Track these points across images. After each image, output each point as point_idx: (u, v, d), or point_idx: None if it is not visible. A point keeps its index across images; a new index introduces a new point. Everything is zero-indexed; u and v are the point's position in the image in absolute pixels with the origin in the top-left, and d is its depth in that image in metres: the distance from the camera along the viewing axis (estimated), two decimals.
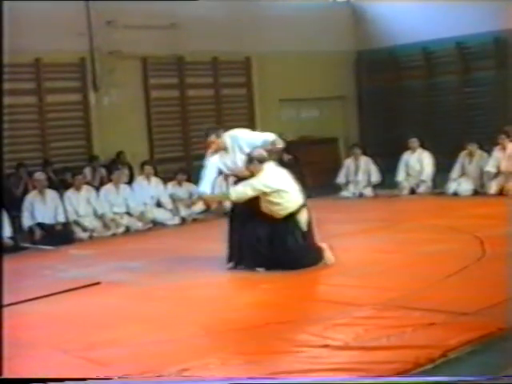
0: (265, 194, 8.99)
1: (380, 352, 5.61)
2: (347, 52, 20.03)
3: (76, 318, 7.38)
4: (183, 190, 15.18)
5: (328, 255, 9.07)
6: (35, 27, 14.82)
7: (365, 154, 16.94)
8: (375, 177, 16.63)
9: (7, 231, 12.62)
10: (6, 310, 7.70)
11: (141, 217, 14.22)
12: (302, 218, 9.10)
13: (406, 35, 18.85)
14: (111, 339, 6.54)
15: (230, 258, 9.34)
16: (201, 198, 9.69)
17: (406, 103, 19.35)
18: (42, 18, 15.11)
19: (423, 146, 16.34)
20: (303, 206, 9.14)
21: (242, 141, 9.47)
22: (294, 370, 5.33)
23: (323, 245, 9.16)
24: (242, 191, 9.12)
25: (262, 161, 9.15)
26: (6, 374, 4.49)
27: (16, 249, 12.49)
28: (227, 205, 15.20)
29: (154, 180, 14.87)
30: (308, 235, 9.16)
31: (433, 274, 8.02)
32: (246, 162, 9.26)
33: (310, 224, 9.20)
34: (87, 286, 8.73)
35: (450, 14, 17.71)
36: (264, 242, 9.03)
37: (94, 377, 5.49)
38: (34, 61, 15.60)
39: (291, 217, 9.04)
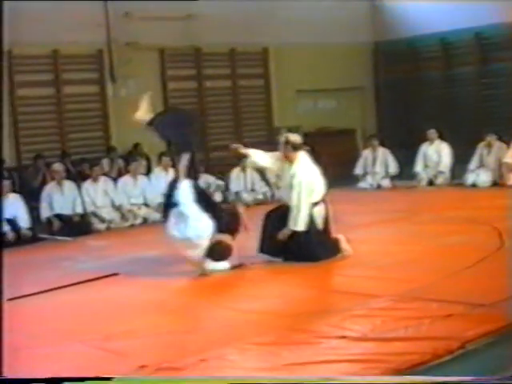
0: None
1: (398, 343, 5.60)
2: (365, 43, 19.94)
3: (94, 309, 7.40)
4: (201, 182, 15.14)
5: (345, 247, 9.06)
6: (53, 19, 14.84)
7: (382, 145, 16.89)
8: (393, 168, 16.59)
9: (25, 222, 12.69)
10: (23, 301, 7.77)
11: (158, 208, 14.22)
12: (318, 212, 9.07)
13: (423, 26, 18.75)
14: (129, 330, 6.56)
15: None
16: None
17: (423, 94, 19.24)
18: (60, 9, 15.12)
19: (441, 137, 16.27)
20: (320, 201, 9.11)
21: None
22: (312, 361, 5.33)
23: (340, 236, 9.15)
24: (304, 211, 9.02)
25: (296, 147, 9.13)
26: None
27: (34, 240, 12.56)
28: (245, 196, 15.32)
29: (172, 171, 14.85)
30: (325, 228, 9.15)
31: (451, 265, 7.99)
32: (282, 145, 9.22)
33: (326, 217, 9.18)
34: (105, 277, 8.76)
35: (468, 4, 17.58)
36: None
37: (112, 367, 5.52)
38: (51, 52, 15.63)
39: None
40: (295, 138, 9.21)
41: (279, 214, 9.20)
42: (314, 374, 5.07)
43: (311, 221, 9.01)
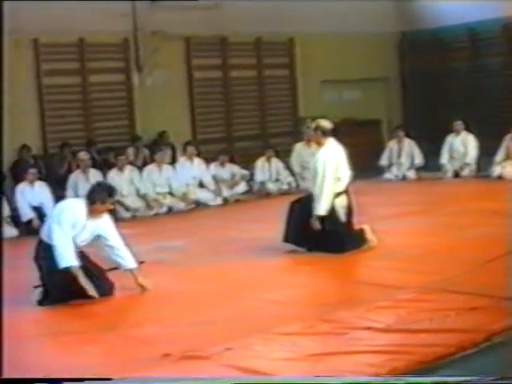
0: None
1: (422, 335, 5.59)
2: (391, 33, 19.84)
3: (119, 297, 7.43)
4: (226, 171, 15.22)
5: (371, 237, 9.04)
6: (79, 7, 14.86)
7: (408, 136, 16.82)
8: (418, 159, 16.51)
9: (51, 210, 12.74)
10: None
11: (183, 197, 14.28)
12: (340, 203, 9.04)
13: (450, 16, 18.62)
14: (154, 318, 6.60)
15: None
16: None
17: (450, 85, 19.12)
18: None
19: (468, 128, 16.18)
20: (343, 192, 9.09)
21: None
22: (336, 352, 5.33)
23: (365, 227, 9.13)
24: (327, 196, 8.95)
25: (325, 133, 9.12)
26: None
27: None
28: (270, 186, 15.34)
29: (197, 161, 14.92)
30: (348, 220, 9.13)
31: (476, 257, 7.95)
32: (313, 130, 9.22)
33: (350, 208, 9.16)
34: None
35: None
36: (306, 223, 9.02)
37: (136, 355, 5.55)
38: (77, 41, 15.68)
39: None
40: (326, 123, 9.19)
41: (304, 204, 9.18)
42: (338, 365, 5.07)
43: (333, 210, 8.98)
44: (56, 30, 14.83)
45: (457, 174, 16.04)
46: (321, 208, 8.90)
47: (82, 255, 7.52)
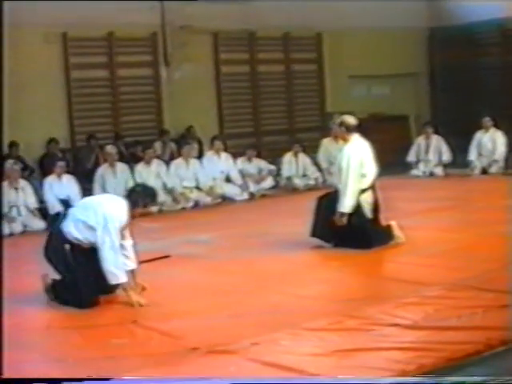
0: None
1: (450, 332, 5.56)
2: (420, 28, 19.74)
3: (147, 291, 7.44)
4: (253, 166, 15.22)
5: (398, 234, 9.00)
6: (108, 1, 14.89)
7: (436, 132, 16.73)
8: (446, 156, 16.41)
9: None
10: None
11: (210, 191, 14.29)
12: (366, 199, 9.01)
13: (480, 12, 18.47)
14: (182, 312, 6.61)
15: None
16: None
17: (479, 81, 18.98)
18: None
19: (496, 125, 16.06)
20: (368, 188, 9.04)
21: None
22: (363, 348, 5.32)
23: (393, 223, 9.09)
24: (352, 192, 8.89)
25: (350, 129, 9.09)
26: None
27: None
28: (297, 181, 15.32)
29: (224, 155, 14.92)
30: (375, 216, 9.09)
31: (504, 254, 7.86)
32: (337, 126, 9.17)
33: (376, 204, 9.12)
34: (158, 259, 8.81)
35: None
36: (333, 219, 8.99)
37: (164, 349, 5.56)
38: (106, 35, 15.73)
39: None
40: (350, 119, 9.15)
41: (331, 199, 9.15)
42: (365, 361, 5.05)
43: (359, 206, 8.95)
44: (85, 23, 14.89)
45: (484, 171, 15.92)
46: (345, 204, 8.85)
47: None
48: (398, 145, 17.56)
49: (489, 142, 16.05)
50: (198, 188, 14.26)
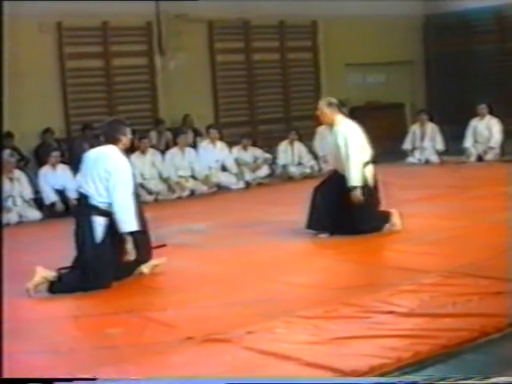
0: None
1: (446, 319, 5.55)
2: (415, 16, 19.71)
3: (142, 279, 7.45)
4: (248, 155, 15.21)
5: (396, 221, 8.98)
6: None
7: (431, 120, 16.72)
8: (440, 145, 16.40)
9: (74, 193, 12.78)
10: None
11: (206, 180, 14.29)
12: (369, 172, 8.98)
13: None
14: (177, 301, 6.61)
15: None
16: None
17: (475, 68, 18.95)
18: None
19: (492, 112, 16.05)
20: (369, 162, 9.01)
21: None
22: (359, 336, 5.31)
23: (393, 211, 9.07)
24: (356, 164, 8.83)
25: (338, 108, 9.05)
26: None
27: None
28: (292, 169, 15.31)
29: (220, 144, 14.90)
30: (375, 195, 9.05)
31: (500, 242, 7.86)
32: (325, 106, 9.04)
33: (376, 181, 9.08)
34: (154, 248, 8.78)
35: None
36: (330, 205, 8.95)
37: (159, 338, 5.56)
38: (101, 24, 15.68)
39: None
40: (335, 101, 9.10)
41: (326, 187, 9.12)
42: (361, 349, 5.05)
43: (365, 180, 8.86)
44: (79, 13, 14.84)
45: (480, 158, 15.94)
46: (353, 177, 8.77)
47: None
48: (394, 132, 17.56)
49: (484, 129, 16.05)
50: (193, 177, 14.26)
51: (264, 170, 15.23)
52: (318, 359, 4.90)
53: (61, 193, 12.72)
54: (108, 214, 7.22)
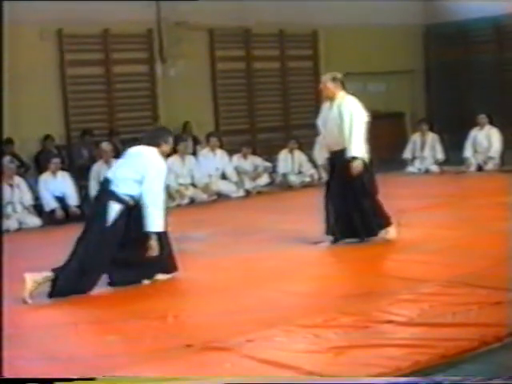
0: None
1: (445, 329, 5.56)
2: (415, 25, 19.75)
3: (141, 287, 7.45)
4: (248, 163, 15.22)
5: (391, 230, 8.95)
6: None
7: (431, 129, 16.75)
8: (440, 155, 16.44)
9: (74, 200, 12.82)
10: None
11: (205, 188, 14.29)
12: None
13: (476, 9, 18.48)
14: (177, 308, 6.60)
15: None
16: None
17: (475, 78, 19.00)
18: None
19: (492, 122, 16.08)
20: None
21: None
22: (358, 345, 5.31)
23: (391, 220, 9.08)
24: (359, 137, 8.72)
25: (342, 83, 9.03)
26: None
27: (82, 217, 12.65)
28: (292, 178, 15.31)
29: (220, 152, 14.91)
30: (371, 196, 8.97)
31: (500, 251, 7.85)
32: (329, 80, 9.04)
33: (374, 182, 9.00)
34: None
35: None
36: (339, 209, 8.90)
37: (159, 345, 5.55)
38: (102, 31, 15.71)
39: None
40: (338, 74, 9.10)
41: (332, 192, 9.01)
42: (360, 358, 5.04)
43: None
44: (80, 20, 14.87)
45: (480, 168, 15.95)
46: (355, 149, 8.65)
47: None
48: (394, 142, 17.58)
49: (484, 139, 16.07)
50: (193, 185, 14.26)
51: (264, 179, 15.24)
52: (317, 368, 4.90)
53: (61, 200, 12.72)
54: (126, 203, 7.37)
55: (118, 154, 14.12)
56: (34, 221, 12.35)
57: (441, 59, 19.73)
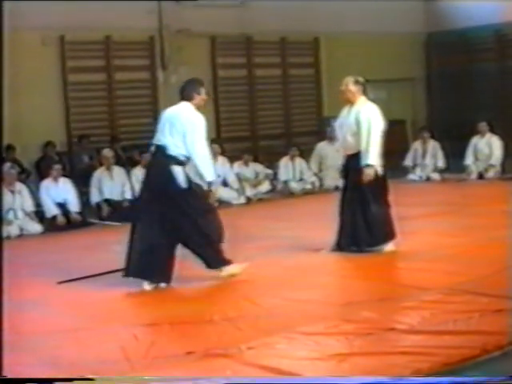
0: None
1: (446, 337, 5.55)
2: (417, 33, 19.78)
3: (140, 294, 7.44)
4: (249, 170, 15.22)
5: (390, 245, 8.91)
6: (105, 5, 14.90)
7: (433, 137, 16.75)
8: (441, 163, 16.44)
9: (75, 206, 12.82)
10: (79, 283, 7.83)
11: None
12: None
13: (477, 17, 18.52)
14: (177, 316, 6.59)
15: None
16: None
17: (476, 86, 19.01)
18: None
19: (493, 130, 16.09)
20: None
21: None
22: (360, 352, 5.30)
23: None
24: (376, 144, 8.71)
25: (364, 88, 8.93)
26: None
27: (83, 224, 12.68)
28: (293, 185, 15.31)
29: (221, 159, 14.91)
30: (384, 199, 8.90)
31: (501, 259, 7.86)
32: (352, 83, 8.91)
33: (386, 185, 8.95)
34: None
35: None
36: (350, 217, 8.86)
37: (159, 353, 5.54)
38: (103, 38, 15.74)
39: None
40: (361, 79, 8.97)
41: (346, 196, 8.98)
42: (362, 365, 5.04)
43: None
44: (82, 27, 14.90)
45: (481, 176, 15.95)
46: (371, 157, 8.60)
47: None
48: (395, 149, 17.50)
49: (485, 146, 16.07)
50: None
51: (265, 186, 15.23)
52: (319, 375, 4.89)
53: (62, 206, 12.72)
54: (184, 164, 7.66)
55: (119, 161, 14.17)
56: (36, 227, 12.34)
57: (442, 67, 19.76)
